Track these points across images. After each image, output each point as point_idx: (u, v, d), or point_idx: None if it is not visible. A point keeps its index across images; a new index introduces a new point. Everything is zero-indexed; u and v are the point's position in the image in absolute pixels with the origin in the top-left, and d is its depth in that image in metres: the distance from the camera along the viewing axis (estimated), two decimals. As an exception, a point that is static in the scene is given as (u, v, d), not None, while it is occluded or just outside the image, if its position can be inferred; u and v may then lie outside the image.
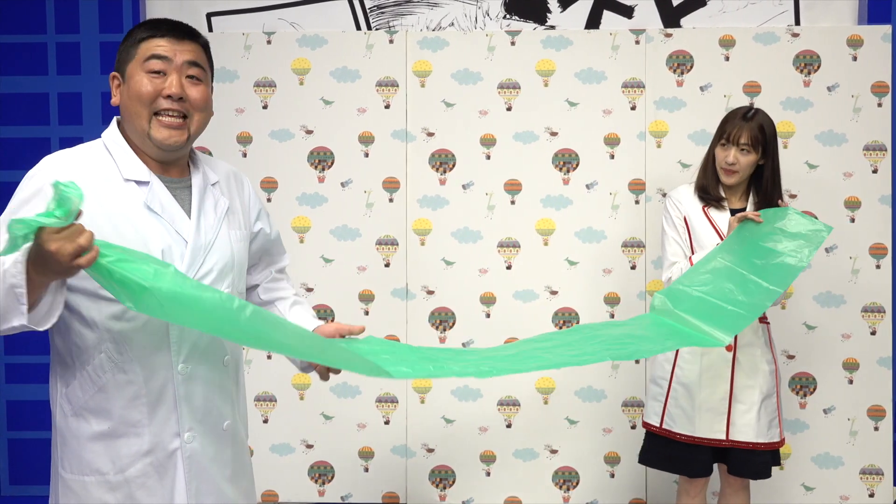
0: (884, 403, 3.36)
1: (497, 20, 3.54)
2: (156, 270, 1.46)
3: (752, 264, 2.43)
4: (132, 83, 1.68)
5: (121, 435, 1.65)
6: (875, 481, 3.37)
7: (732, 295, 2.31)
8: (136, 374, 1.64)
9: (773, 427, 2.70)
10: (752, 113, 2.70)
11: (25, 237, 1.36)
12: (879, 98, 3.36)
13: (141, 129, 1.69)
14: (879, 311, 3.37)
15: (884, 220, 3.36)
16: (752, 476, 2.73)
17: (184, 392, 1.69)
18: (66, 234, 1.37)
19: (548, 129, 3.44)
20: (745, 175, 2.70)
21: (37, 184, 1.60)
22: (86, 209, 1.46)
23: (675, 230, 2.79)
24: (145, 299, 1.46)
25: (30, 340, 3.64)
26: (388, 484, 3.49)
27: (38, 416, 3.66)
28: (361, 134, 3.48)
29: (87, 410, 1.65)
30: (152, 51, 1.68)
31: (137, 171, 1.69)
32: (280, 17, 3.56)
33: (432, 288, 3.47)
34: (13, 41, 3.61)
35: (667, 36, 3.41)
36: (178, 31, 1.71)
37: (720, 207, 2.74)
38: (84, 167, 1.66)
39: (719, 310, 2.26)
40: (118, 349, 1.63)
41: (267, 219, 2.00)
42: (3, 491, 3.68)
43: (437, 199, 3.46)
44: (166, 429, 1.68)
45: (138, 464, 1.66)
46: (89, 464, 1.66)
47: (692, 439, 2.70)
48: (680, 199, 2.79)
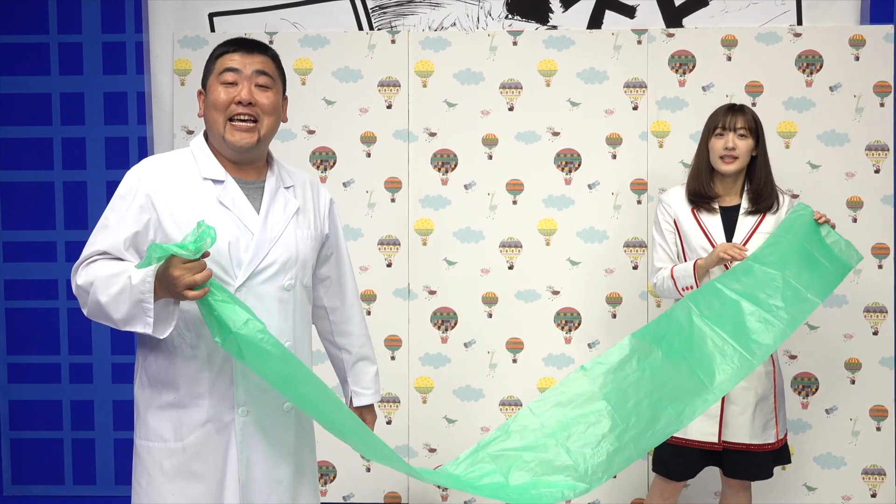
0: (886, 403, 3.36)
1: (499, 20, 3.54)
2: (247, 320, 1.69)
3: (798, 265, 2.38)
4: (211, 95, 1.92)
5: (185, 405, 1.86)
6: (877, 481, 3.36)
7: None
8: (200, 350, 1.86)
9: (768, 428, 2.65)
10: (740, 105, 2.74)
11: (159, 259, 1.64)
12: (882, 98, 3.35)
13: (218, 133, 1.91)
14: (882, 312, 3.36)
15: (886, 221, 3.36)
16: (748, 477, 2.69)
17: (241, 369, 1.87)
18: (190, 266, 1.64)
19: (550, 129, 3.44)
20: (743, 162, 2.68)
21: (131, 184, 1.86)
22: (169, 204, 1.83)
23: (662, 235, 2.78)
24: (230, 340, 1.70)
25: (31, 341, 3.65)
26: (390, 484, 3.49)
27: (39, 416, 3.67)
28: (363, 134, 3.48)
29: (159, 381, 1.88)
30: (226, 64, 1.92)
31: (215, 171, 1.91)
32: (282, 17, 3.56)
33: (434, 288, 3.47)
34: (15, 41, 3.61)
35: (669, 36, 3.41)
36: (248, 45, 1.95)
37: (710, 210, 2.71)
38: (171, 168, 1.90)
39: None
40: (187, 327, 1.85)
41: (338, 230, 2.20)
42: (4, 491, 3.68)
43: (439, 199, 3.47)
44: (224, 402, 1.87)
45: (196, 432, 1.86)
46: (155, 430, 1.88)
47: (683, 442, 2.65)
48: (670, 202, 2.78)
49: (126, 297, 1.69)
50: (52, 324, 3.64)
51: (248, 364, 1.75)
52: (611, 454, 2.11)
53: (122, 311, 1.70)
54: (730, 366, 2.20)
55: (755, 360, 2.21)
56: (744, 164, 2.69)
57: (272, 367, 1.74)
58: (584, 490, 2.06)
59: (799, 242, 2.44)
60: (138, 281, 1.67)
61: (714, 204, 2.72)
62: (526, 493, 2.06)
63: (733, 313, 2.31)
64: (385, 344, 3.48)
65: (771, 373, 2.68)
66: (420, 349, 3.48)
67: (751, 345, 2.24)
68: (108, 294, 1.71)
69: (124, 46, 3.59)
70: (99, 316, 1.76)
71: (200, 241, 1.61)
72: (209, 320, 1.72)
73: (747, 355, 2.22)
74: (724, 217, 2.70)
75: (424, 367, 3.48)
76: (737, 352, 2.22)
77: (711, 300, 2.35)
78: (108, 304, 1.71)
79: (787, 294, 2.33)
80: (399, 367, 3.48)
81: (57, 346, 3.64)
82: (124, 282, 1.70)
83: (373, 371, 2.26)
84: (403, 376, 3.48)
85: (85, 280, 1.77)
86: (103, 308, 1.72)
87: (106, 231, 1.82)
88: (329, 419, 1.87)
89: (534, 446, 2.17)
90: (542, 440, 2.18)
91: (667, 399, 2.17)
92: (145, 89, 3.59)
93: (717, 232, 2.68)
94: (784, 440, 2.72)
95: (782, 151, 3.35)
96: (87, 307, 1.77)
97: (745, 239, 2.65)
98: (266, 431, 1.92)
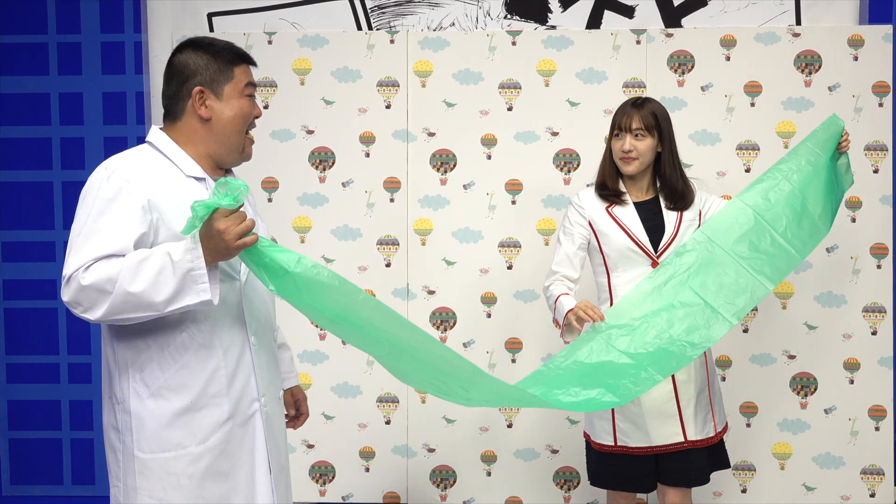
0: (885, 403, 3.36)
1: (498, 20, 3.54)
2: (299, 259, 1.73)
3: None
4: (235, 103, 1.92)
5: (202, 407, 1.83)
6: (876, 481, 3.36)
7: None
8: (216, 348, 1.84)
9: (707, 422, 2.54)
10: (642, 100, 2.60)
11: (202, 218, 1.65)
12: (880, 98, 3.35)
13: (237, 144, 1.94)
14: (880, 311, 3.36)
15: (885, 220, 3.36)
16: (686, 484, 2.55)
17: (256, 361, 1.91)
18: (234, 216, 1.67)
19: (549, 129, 3.44)
20: (645, 161, 2.57)
21: (117, 183, 1.79)
22: (171, 202, 1.80)
23: (568, 238, 2.62)
24: (286, 282, 1.73)
25: (30, 341, 3.65)
26: (389, 484, 3.49)
27: (38, 416, 3.66)
28: (362, 134, 3.48)
29: (166, 389, 1.82)
30: (248, 78, 1.97)
31: (195, 170, 1.90)
32: (281, 17, 3.56)
33: (433, 288, 3.47)
34: (14, 41, 3.61)
35: (668, 36, 3.41)
36: (250, 57, 2.01)
37: (622, 203, 2.59)
38: (149, 167, 1.85)
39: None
40: (199, 328, 1.82)
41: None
42: (3, 491, 3.68)
43: (438, 199, 3.47)
44: (245, 396, 1.88)
45: (219, 432, 1.84)
46: (170, 440, 1.81)
47: (647, 450, 2.52)
48: (582, 204, 2.63)
49: (169, 273, 1.68)
50: (51, 324, 3.64)
51: (305, 303, 1.79)
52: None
53: (167, 289, 1.68)
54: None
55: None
56: (644, 163, 2.57)
57: (332, 298, 1.78)
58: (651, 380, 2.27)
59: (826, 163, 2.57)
60: (181, 251, 1.68)
61: (625, 198, 2.60)
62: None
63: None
64: (384, 344, 3.48)
65: (704, 363, 2.58)
66: (419, 349, 3.47)
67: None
68: (143, 280, 1.67)
69: (123, 46, 3.59)
70: (126, 310, 1.70)
71: (235, 191, 1.65)
72: (259, 270, 1.75)
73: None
74: (639, 211, 2.59)
75: (423, 367, 3.47)
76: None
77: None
78: (147, 289, 1.67)
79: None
80: (398, 367, 3.48)
81: (56, 345, 3.64)
82: (162, 260, 1.68)
83: (289, 356, 2.30)
84: (402, 376, 3.48)
85: (98, 278, 1.68)
86: (139, 297, 1.67)
87: (100, 235, 1.73)
88: (394, 341, 1.91)
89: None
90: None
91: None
92: (144, 89, 3.58)
93: (634, 226, 2.56)
94: (722, 433, 2.60)
95: (781, 151, 3.34)
96: (108, 306, 1.69)
97: (673, 232, 2.56)
98: (277, 418, 1.99)
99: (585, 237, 2.63)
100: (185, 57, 1.94)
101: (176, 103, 1.93)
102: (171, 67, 1.96)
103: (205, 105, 1.91)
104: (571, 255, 2.62)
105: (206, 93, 1.91)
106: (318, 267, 1.75)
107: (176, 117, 1.93)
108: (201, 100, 1.91)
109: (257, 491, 1.89)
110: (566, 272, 2.62)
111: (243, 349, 1.89)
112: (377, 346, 1.93)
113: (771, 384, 3.38)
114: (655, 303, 2.42)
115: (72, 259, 1.73)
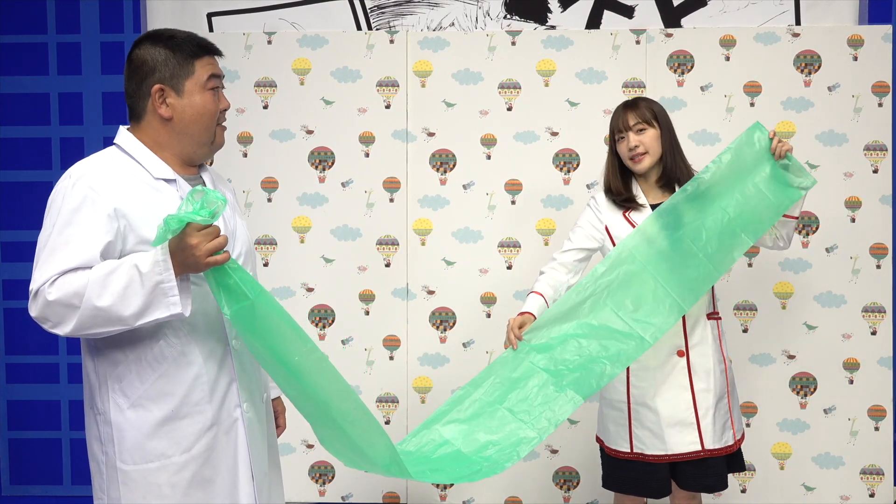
0: (884, 403, 3.36)
1: (497, 20, 3.54)
2: (262, 290, 1.68)
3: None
4: (198, 99, 1.82)
5: (184, 416, 1.77)
6: (876, 481, 3.37)
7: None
8: (196, 355, 1.78)
9: (726, 430, 2.50)
10: (633, 100, 2.56)
11: (175, 231, 1.59)
12: (880, 98, 3.36)
13: (206, 139, 1.85)
14: (880, 311, 3.36)
15: (884, 220, 3.36)
16: (703, 489, 2.52)
17: (238, 366, 1.85)
18: (207, 232, 1.61)
19: (548, 129, 3.44)
20: (655, 154, 2.49)
21: (82, 191, 1.70)
22: (137, 208, 1.71)
23: (583, 231, 2.58)
24: (244, 310, 1.67)
25: (30, 341, 3.65)
26: (388, 484, 3.49)
27: (38, 416, 3.67)
28: (362, 134, 3.48)
29: (146, 399, 1.76)
30: (211, 70, 1.84)
31: (164, 171, 1.81)
32: (281, 17, 3.56)
33: (433, 288, 3.47)
34: (14, 41, 3.61)
35: (667, 36, 3.41)
36: (215, 48, 1.88)
37: (638, 207, 2.53)
38: (114, 171, 1.77)
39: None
40: (177, 335, 1.76)
41: None
42: (3, 491, 3.68)
43: (438, 199, 3.47)
44: (227, 402, 1.83)
45: (203, 439, 1.79)
46: (153, 451, 1.76)
47: (664, 458, 2.47)
48: (600, 208, 2.58)
49: (137, 287, 1.62)
50: (51, 324, 3.64)
51: (256, 336, 1.72)
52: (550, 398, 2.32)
53: (135, 303, 1.62)
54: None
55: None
56: (656, 155, 2.50)
57: (283, 339, 1.73)
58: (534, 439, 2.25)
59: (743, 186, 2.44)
60: (150, 264, 1.62)
61: (640, 201, 2.55)
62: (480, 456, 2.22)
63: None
64: (384, 344, 3.48)
65: (724, 371, 2.53)
66: (419, 349, 3.48)
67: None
68: (111, 294, 1.61)
69: (123, 46, 3.59)
70: (96, 324, 1.64)
71: (212, 204, 1.58)
72: (219, 290, 1.67)
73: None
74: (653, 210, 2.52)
75: (423, 368, 3.48)
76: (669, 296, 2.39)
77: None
78: (115, 303, 1.61)
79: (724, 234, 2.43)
80: (398, 368, 3.48)
81: (55, 345, 3.64)
82: (129, 273, 1.62)
83: None
84: (402, 376, 3.48)
85: (64, 293, 1.62)
86: (107, 311, 1.62)
87: (66, 247, 1.65)
88: (326, 403, 1.85)
89: (478, 414, 2.34)
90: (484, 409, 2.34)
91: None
92: (144, 89, 3.58)
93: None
94: (740, 442, 2.58)
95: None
96: (76, 321, 1.63)
97: None
98: (260, 424, 1.91)
99: (596, 240, 2.58)
100: (143, 52, 1.80)
101: (137, 102, 1.82)
102: (130, 63, 1.82)
103: (165, 104, 1.80)
104: (570, 253, 2.59)
105: (166, 90, 1.79)
106: (279, 305, 1.70)
107: (139, 117, 1.83)
108: (161, 98, 1.79)
109: (240, 495, 1.85)
110: (560, 261, 2.59)
111: (224, 355, 1.83)
112: (308, 402, 1.84)
113: (770, 384, 3.39)
114: (573, 321, 2.40)
115: (38, 273, 1.66)
